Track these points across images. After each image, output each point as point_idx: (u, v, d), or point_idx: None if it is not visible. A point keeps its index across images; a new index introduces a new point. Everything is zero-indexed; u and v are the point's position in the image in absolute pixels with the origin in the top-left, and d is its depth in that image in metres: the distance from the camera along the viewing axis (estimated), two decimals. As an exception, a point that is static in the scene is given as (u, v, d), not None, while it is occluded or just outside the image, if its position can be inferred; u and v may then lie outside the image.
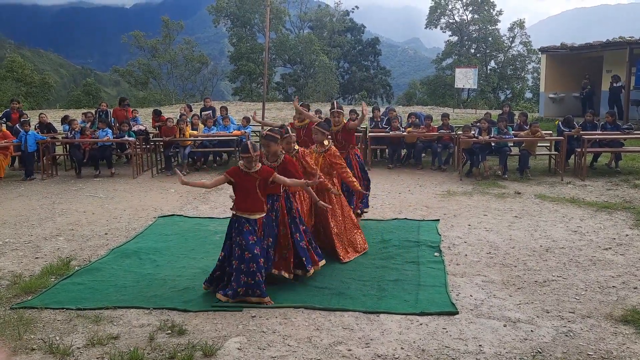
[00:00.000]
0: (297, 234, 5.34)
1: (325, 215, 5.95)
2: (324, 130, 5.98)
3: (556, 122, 12.98)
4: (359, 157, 7.43)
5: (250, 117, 12.18)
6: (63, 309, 4.81)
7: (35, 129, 12.89)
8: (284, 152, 5.27)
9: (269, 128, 5.75)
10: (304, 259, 5.30)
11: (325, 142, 6.18)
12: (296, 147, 5.79)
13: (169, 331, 4.35)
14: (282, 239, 5.29)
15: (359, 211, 7.28)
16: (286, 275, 5.26)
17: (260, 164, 5.00)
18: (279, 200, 5.27)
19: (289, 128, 5.97)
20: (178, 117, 12.91)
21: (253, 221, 4.95)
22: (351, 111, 13.78)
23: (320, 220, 6.04)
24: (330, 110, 7.30)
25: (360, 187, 6.49)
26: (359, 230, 6.39)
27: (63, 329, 4.43)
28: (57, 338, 4.26)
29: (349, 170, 6.33)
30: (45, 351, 4.06)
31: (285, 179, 5.07)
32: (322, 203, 5.60)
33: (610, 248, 6.32)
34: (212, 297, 5.01)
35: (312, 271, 5.35)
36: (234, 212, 5.01)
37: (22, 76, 40.71)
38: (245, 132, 12.54)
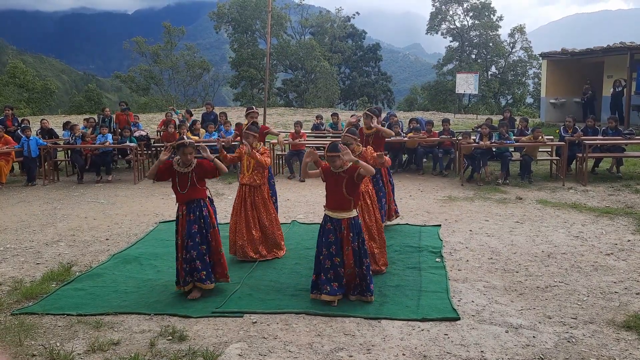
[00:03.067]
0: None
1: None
2: (354, 136, 5.95)
3: (557, 131, 13.00)
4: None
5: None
6: (64, 314, 4.80)
7: (37, 134, 12.92)
8: (195, 159, 5.21)
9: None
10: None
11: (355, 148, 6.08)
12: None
13: (170, 337, 4.34)
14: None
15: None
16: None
17: (349, 164, 4.99)
18: (205, 206, 5.22)
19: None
20: (178, 122, 12.94)
21: (336, 221, 4.96)
22: (352, 116, 13.80)
23: None
24: (364, 112, 7.54)
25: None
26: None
27: (64, 335, 4.43)
28: (58, 344, 4.25)
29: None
30: (46, 357, 4.05)
31: (366, 165, 4.90)
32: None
33: (612, 253, 6.30)
34: (213, 303, 5.00)
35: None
36: (324, 210, 5.09)
37: (24, 82, 40.87)
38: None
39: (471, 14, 44.78)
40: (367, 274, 5.00)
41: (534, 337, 4.29)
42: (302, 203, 9.38)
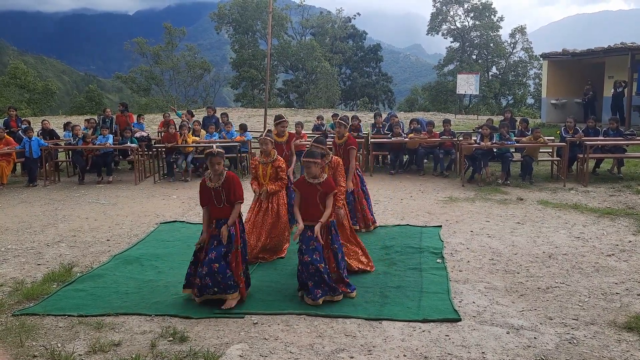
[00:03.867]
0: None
1: None
2: (322, 145, 5.89)
3: (557, 132, 12.99)
4: (359, 172, 7.54)
5: None
6: (65, 315, 4.80)
7: (38, 135, 12.93)
8: (225, 169, 5.08)
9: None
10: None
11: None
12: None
13: (171, 338, 4.34)
14: None
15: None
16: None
17: (325, 175, 5.14)
18: (234, 225, 4.99)
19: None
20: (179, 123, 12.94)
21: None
22: (353, 117, 13.80)
23: None
24: (336, 121, 7.51)
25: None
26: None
27: (65, 336, 4.43)
28: (59, 345, 4.25)
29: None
30: (47, 358, 4.05)
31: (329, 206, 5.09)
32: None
33: (613, 254, 6.30)
34: (214, 304, 4.99)
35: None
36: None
37: (26, 83, 40.95)
38: (245, 139, 12.59)
39: (472, 15, 44.83)
40: (344, 271, 5.17)
41: (535, 338, 4.28)
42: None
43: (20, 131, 12.54)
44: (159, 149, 12.43)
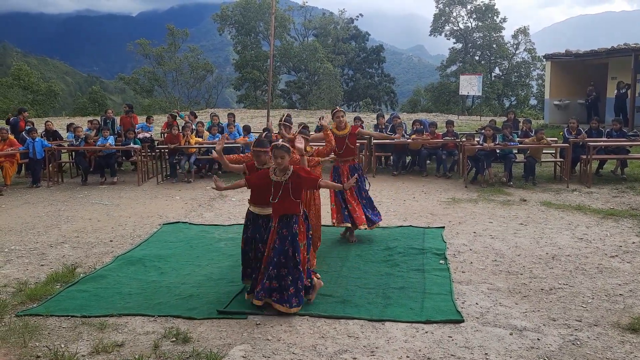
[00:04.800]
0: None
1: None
2: (306, 137, 5.75)
3: (560, 133, 12.97)
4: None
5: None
6: (68, 316, 4.80)
7: (42, 136, 12.96)
8: (291, 166, 4.95)
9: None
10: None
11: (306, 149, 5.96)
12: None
13: (174, 339, 4.35)
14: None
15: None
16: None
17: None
18: (297, 222, 4.87)
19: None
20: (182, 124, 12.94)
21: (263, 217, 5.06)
22: (356, 118, 13.79)
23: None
24: (280, 123, 6.75)
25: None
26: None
27: (68, 337, 4.44)
28: (62, 345, 4.26)
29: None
30: (50, 359, 4.06)
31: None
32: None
33: (616, 256, 6.28)
34: (217, 305, 5.00)
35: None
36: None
37: (29, 84, 41.14)
38: (248, 139, 12.58)
39: (474, 16, 44.83)
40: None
41: (538, 339, 4.28)
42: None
43: (23, 132, 12.57)
44: (162, 150, 12.45)
